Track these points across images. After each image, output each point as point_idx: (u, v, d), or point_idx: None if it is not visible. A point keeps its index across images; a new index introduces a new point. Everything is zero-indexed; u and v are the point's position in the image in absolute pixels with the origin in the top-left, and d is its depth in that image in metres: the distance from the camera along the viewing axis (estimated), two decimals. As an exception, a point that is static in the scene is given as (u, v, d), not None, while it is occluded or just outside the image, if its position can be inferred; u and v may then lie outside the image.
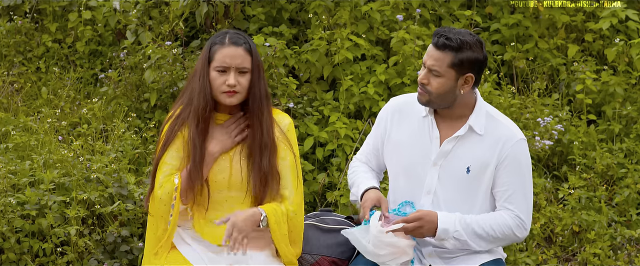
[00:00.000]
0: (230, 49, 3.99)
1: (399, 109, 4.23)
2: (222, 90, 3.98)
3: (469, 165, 4.07)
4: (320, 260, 4.31)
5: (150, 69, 6.93)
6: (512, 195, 4.08)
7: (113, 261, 5.68)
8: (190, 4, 7.27)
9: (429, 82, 4.01)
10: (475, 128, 4.08)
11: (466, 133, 4.08)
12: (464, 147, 4.08)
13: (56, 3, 7.87)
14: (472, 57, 3.97)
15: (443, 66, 3.97)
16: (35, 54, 7.76)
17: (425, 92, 4.03)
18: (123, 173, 6.04)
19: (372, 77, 6.98)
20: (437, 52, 3.97)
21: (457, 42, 3.94)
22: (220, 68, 3.97)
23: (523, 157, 4.09)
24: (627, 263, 5.90)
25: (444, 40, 3.94)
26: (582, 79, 7.03)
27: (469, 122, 4.08)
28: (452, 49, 3.95)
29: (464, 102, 4.11)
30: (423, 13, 7.31)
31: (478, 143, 4.08)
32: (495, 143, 4.06)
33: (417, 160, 4.13)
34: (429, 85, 4.02)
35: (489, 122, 4.10)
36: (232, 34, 4.04)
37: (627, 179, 6.41)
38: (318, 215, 4.47)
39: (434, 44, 3.98)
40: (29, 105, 7.28)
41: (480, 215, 4.09)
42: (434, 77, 4.00)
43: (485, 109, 4.13)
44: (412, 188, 4.15)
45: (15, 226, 5.65)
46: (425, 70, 4.02)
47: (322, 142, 6.78)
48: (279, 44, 6.99)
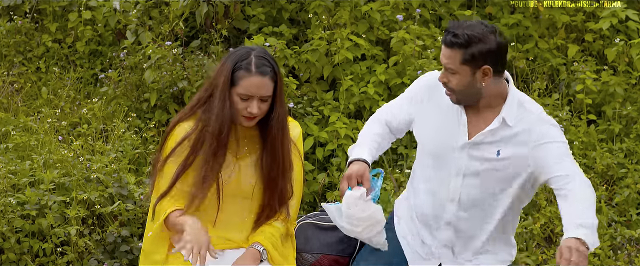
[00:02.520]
0: (257, 79, 3.90)
1: (435, 85, 4.12)
2: (243, 114, 3.95)
3: (500, 148, 4.00)
4: (320, 259, 4.31)
5: (150, 69, 6.93)
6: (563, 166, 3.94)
7: (113, 261, 5.68)
8: (190, 4, 7.27)
9: (448, 80, 3.95)
10: (508, 120, 4.01)
11: (500, 127, 4.01)
12: (495, 136, 4.02)
13: (56, 3, 7.87)
14: (484, 50, 3.87)
15: (456, 63, 3.90)
16: (35, 54, 7.76)
17: (450, 90, 3.98)
18: (123, 173, 6.04)
19: (372, 77, 6.98)
20: (447, 50, 3.91)
21: (465, 37, 3.86)
22: (244, 96, 3.93)
23: (554, 133, 3.98)
24: (627, 263, 5.90)
25: (452, 38, 3.87)
26: (582, 79, 7.03)
27: (502, 114, 4.00)
28: (461, 46, 3.87)
29: (493, 93, 4.02)
30: (423, 13, 7.31)
31: (508, 132, 4.01)
32: (525, 131, 3.99)
33: (445, 143, 4.07)
34: (450, 83, 3.96)
35: (520, 112, 4.03)
36: (257, 59, 3.92)
37: (627, 179, 6.41)
38: (317, 214, 4.47)
39: (443, 42, 3.92)
40: (29, 105, 7.28)
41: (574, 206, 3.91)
42: (451, 75, 3.94)
43: (517, 98, 4.04)
44: (440, 169, 4.09)
45: (15, 226, 5.65)
46: (444, 71, 3.97)
47: (322, 142, 6.78)
48: (279, 44, 6.99)
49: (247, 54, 3.94)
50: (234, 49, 4.06)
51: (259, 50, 3.96)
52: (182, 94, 6.92)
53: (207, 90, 4.00)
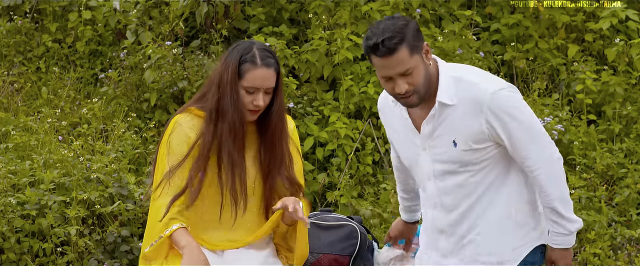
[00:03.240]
0: (263, 71, 3.95)
1: (381, 108, 4.01)
2: (248, 108, 3.98)
3: (454, 138, 3.79)
4: (320, 258, 4.30)
5: (151, 69, 6.93)
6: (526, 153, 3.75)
7: (113, 261, 5.68)
8: (190, 4, 7.27)
9: (411, 81, 3.70)
10: (446, 100, 3.75)
11: (439, 109, 3.78)
12: (445, 122, 3.79)
13: (56, 3, 7.87)
14: (413, 31, 3.68)
15: (408, 61, 3.67)
16: (36, 53, 7.76)
17: (413, 93, 3.73)
18: (123, 173, 6.04)
19: (372, 77, 6.98)
20: (392, 58, 3.65)
21: (396, 34, 3.65)
22: (250, 89, 3.96)
23: (507, 105, 3.74)
24: (627, 263, 5.90)
25: (388, 44, 3.64)
26: (582, 79, 7.03)
27: (438, 99, 3.75)
28: (400, 42, 3.65)
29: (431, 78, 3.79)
30: (423, 13, 7.31)
31: (454, 113, 3.78)
32: (472, 108, 3.76)
33: (410, 153, 3.91)
34: (414, 84, 3.71)
35: (458, 87, 3.77)
36: (261, 52, 3.97)
37: (627, 179, 6.41)
38: (318, 214, 4.47)
39: (381, 55, 3.64)
40: (29, 105, 7.28)
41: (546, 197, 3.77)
42: (410, 76, 3.70)
43: (448, 74, 3.79)
44: (419, 180, 3.94)
45: (15, 226, 5.65)
46: (398, 80, 3.68)
47: (322, 142, 6.78)
48: (279, 44, 6.99)
49: (249, 48, 3.98)
50: (234, 44, 4.08)
51: (259, 44, 4.01)
52: (182, 94, 6.92)
53: (209, 87, 4.02)
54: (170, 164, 4.01)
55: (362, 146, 6.82)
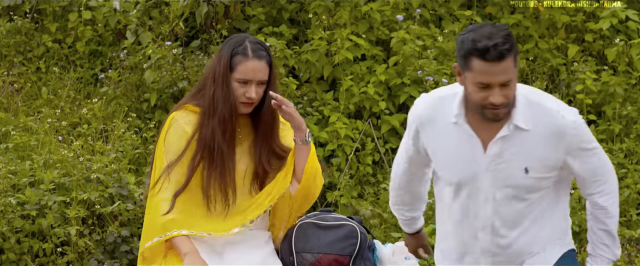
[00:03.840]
0: (254, 62, 4.00)
1: (428, 118, 3.70)
2: (241, 100, 4.01)
3: (527, 166, 3.60)
4: (320, 258, 4.30)
5: (151, 69, 6.93)
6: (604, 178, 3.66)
7: (113, 261, 5.68)
8: (190, 4, 7.27)
9: (507, 94, 3.48)
10: (521, 124, 3.57)
11: (513, 132, 3.57)
12: (516, 147, 3.59)
13: (56, 3, 7.87)
14: (515, 43, 3.50)
15: (513, 70, 3.47)
16: (35, 54, 7.76)
17: (505, 106, 3.51)
18: (123, 173, 6.04)
19: (372, 77, 6.98)
20: (501, 63, 3.44)
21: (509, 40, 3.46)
22: (242, 80, 3.99)
23: (586, 136, 3.60)
24: (627, 263, 5.90)
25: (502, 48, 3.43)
26: (582, 79, 7.03)
27: (514, 121, 3.56)
28: (509, 50, 3.45)
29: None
30: (423, 13, 7.31)
31: (530, 139, 3.59)
32: (551, 137, 3.58)
33: (467, 171, 3.65)
34: (509, 97, 3.49)
35: (534, 111, 3.59)
36: (253, 45, 4.03)
37: (627, 179, 6.41)
38: (317, 214, 4.46)
39: (489, 61, 3.43)
40: (29, 105, 7.28)
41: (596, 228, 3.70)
42: (507, 88, 3.48)
43: (524, 96, 3.59)
44: (466, 199, 3.69)
45: (15, 226, 5.65)
46: (496, 89, 3.47)
47: (322, 142, 6.78)
48: (279, 44, 6.99)
49: (242, 41, 4.03)
50: (227, 38, 4.12)
51: (251, 37, 4.07)
52: (182, 94, 6.92)
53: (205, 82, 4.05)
54: (169, 160, 4.03)
55: (362, 146, 6.82)
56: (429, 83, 6.83)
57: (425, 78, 6.84)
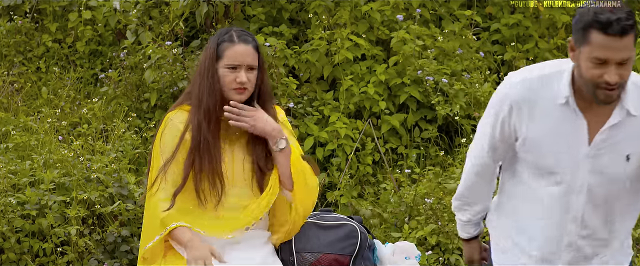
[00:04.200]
0: (241, 47, 4.03)
1: (527, 99, 3.44)
2: (233, 87, 4.03)
3: (628, 153, 3.39)
4: (320, 258, 4.30)
5: (151, 69, 6.93)
6: None
7: (113, 261, 5.68)
8: (190, 4, 7.27)
9: (623, 75, 3.26)
10: (632, 110, 3.36)
11: (624, 118, 3.37)
12: (622, 134, 3.39)
13: (56, 3, 7.87)
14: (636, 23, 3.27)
15: (632, 48, 3.25)
16: (36, 53, 7.76)
17: (619, 87, 3.28)
18: (123, 173, 6.05)
19: (372, 77, 6.98)
20: (623, 39, 3.22)
21: (630, 19, 3.24)
22: (231, 66, 4.02)
23: None
24: (627, 263, 5.89)
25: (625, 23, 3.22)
26: (582, 79, 7.03)
27: (625, 105, 3.35)
28: (632, 26, 3.23)
29: None
30: (423, 13, 7.31)
31: (634, 126, 3.39)
32: None
33: (569, 160, 3.42)
34: (623, 78, 3.26)
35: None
36: (238, 32, 4.08)
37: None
38: (317, 214, 4.46)
39: (610, 35, 3.23)
40: (29, 105, 7.28)
41: None
42: (624, 68, 3.26)
43: (632, 81, 3.36)
44: (559, 189, 3.45)
45: (16, 226, 5.65)
46: (613, 67, 3.24)
47: (322, 142, 6.78)
48: (279, 44, 6.99)
49: (227, 30, 4.08)
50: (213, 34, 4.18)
51: (238, 28, 4.11)
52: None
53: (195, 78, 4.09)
54: (165, 159, 4.05)
55: (362, 146, 6.82)
56: (429, 83, 6.83)
57: (425, 78, 6.85)
